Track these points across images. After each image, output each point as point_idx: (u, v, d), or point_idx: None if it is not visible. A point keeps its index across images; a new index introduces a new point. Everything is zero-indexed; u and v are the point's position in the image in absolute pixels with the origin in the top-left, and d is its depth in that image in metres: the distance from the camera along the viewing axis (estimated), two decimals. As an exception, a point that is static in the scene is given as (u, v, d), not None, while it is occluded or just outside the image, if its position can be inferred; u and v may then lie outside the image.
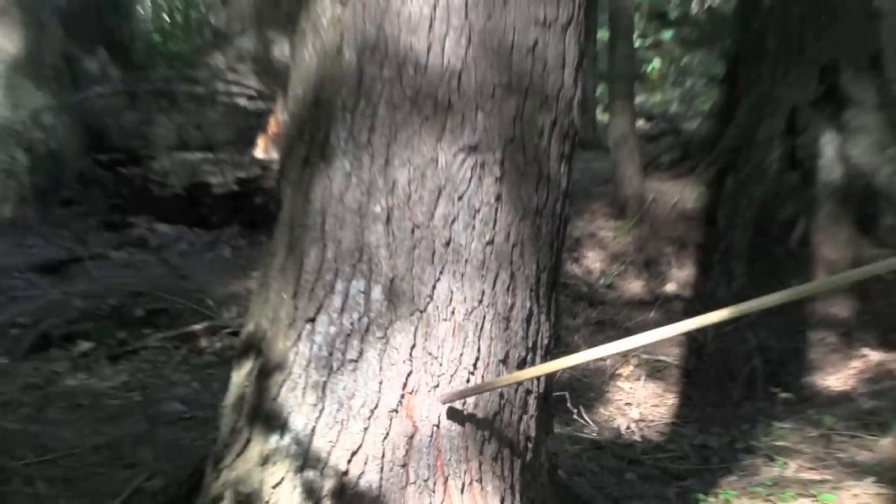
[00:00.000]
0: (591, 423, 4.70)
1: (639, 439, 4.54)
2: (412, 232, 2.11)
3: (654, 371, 5.23)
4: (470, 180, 2.14)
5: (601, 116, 8.98)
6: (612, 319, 5.74)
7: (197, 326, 5.16)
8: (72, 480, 3.13)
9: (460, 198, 2.13)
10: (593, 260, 6.08)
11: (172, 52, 11.39)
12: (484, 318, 2.18)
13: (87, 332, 5.02)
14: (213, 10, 11.14)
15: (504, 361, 2.21)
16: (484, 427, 2.21)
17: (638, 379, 5.18)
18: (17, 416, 3.70)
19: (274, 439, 2.17)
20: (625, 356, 5.14)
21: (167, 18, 12.77)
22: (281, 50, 9.18)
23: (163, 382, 4.63)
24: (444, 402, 2.11)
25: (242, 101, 8.49)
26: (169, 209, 6.97)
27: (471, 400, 2.16)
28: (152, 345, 5.11)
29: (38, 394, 4.11)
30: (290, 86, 2.43)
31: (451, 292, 2.15)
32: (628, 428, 4.71)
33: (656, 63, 14.54)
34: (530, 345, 2.28)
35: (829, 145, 5.76)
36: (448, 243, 2.13)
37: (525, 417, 2.33)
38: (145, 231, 6.88)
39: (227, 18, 10.32)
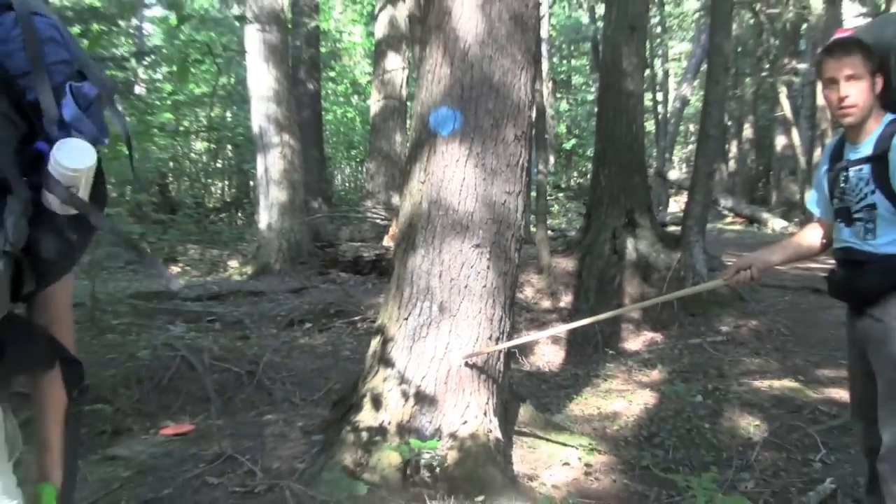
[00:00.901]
0: (527, 363, 8.16)
1: (546, 371, 7.83)
2: (450, 281, 4.60)
3: (555, 341, 8.60)
4: (476, 259, 4.55)
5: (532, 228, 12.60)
6: (536, 318, 9.22)
7: (356, 318, 9.14)
8: (300, 383, 6.67)
9: (471, 266, 4.58)
10: (528, 291, 9.72)
11: (349, 200, 18.43)
12: (481, 320, 4.59)
13: (310, 318, 9.16)
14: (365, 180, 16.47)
15: (490, 338, 4.59)
16: (482, 367, 4.60)
17: (548, 344, 8.61)
18: (279, 354, 7.44)
19: (388, 370, 4.63)
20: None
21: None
22: (395, 199, 14.57)
23: (341, 342, 8.35)
24: (463, 358, 4.63)
25: (378, 219, 14.67)
26: (346, 267, 12.33)
27: (474, 359, 4.69)
28: (337, 325, 9.04)
29: (288, 346, 7.80)
30: (399, 215, 4.97)
31: (468, 308, 4.58)
32: (542, 367, 8.08)
33: (555, 208, 22.05)
34: (501, 331, 4.68)
35: (629, 244, 9.07)
36: (466, 286, 4.60)
37: (499, 363, 4.72)
38: (335, 276, 12.07)
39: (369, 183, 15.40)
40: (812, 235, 3.78)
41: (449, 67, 4.67)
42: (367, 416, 4.60)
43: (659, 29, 34.15)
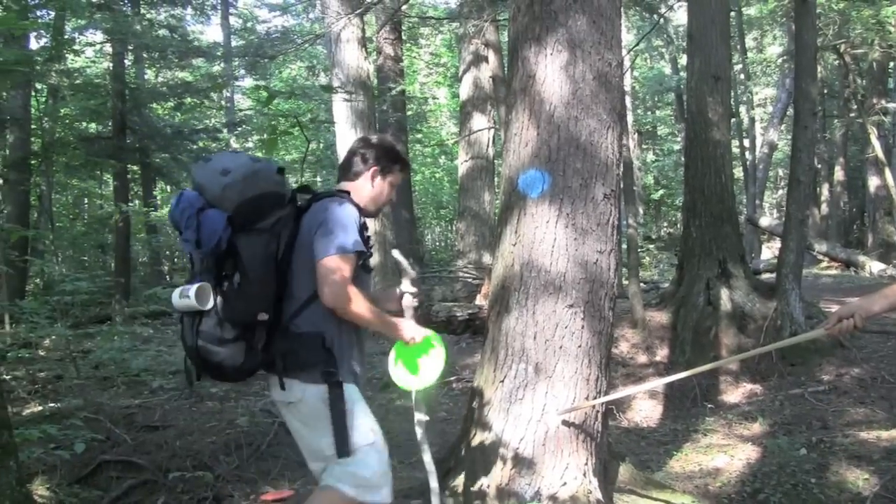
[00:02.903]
0: (624, 420, 7.99)
1: (644, 427, 7.67)
2: (545, 342, 4.59)
3: (652, 395, 8.50)
4: (570, 319, 4.54)
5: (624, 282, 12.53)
6: (633, 374, 9.14)
7: (451, 378, 9.09)
8: (398, 445, 6.23)
9: (566, 327, 4.57)
10: (623, 345, 9.57)
11: (439, 260, 19.39)
12: (578, 380, 4.58)
13: None
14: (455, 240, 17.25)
15: (587, 398, 4.57)
16: (580, 427, 4.57)
17: (645, 399, 8.52)
18: (376, 416, 7.12)
19: (485, 433, 4.62)
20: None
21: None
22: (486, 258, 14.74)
23: (437, 404, 8.22)
24: (559, 415, 4.62)
25: (470, 278, 14.67)
26: (439, 326, 11.59)
27: (572, 414, 4.62)
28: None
29: (384, 409, 7.65)
30: (492, 277, 5.01)
31: (563, 369, 4.58)
32: (640, 423, 7.98)
33: (646, 260, 23.63)
34: (598, 391, 4.66)
35: (724, 294, 8.90)
36: (561, 346, 4.60)
37: (597, 422, 4.69)
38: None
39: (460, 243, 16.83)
40: None
41: (535, 130, 4.71)
42: (465, 480, 4.60)
43: (742, 76, 33.87)
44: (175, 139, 19.92)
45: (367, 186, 3.95)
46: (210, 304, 3.48)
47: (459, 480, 4.62)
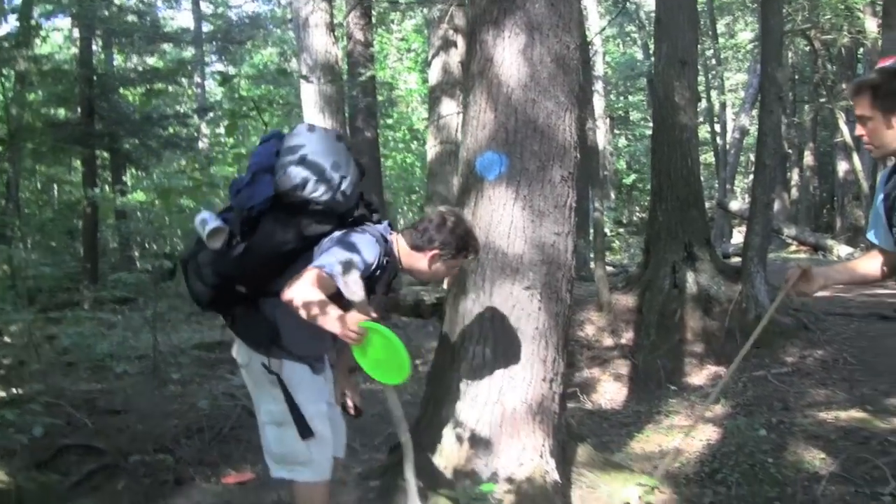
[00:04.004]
0: (588, 402, 8.05)
1: (608, 409, 7.75)
2: (502, 324, 4.59)
3: (617, 378, 8.62)
4: (528, 301, 4.54)
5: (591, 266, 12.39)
6: (598, 356, 9.14)
7: (417, 362, 8.75)
8: (361, 428, 6.47)
9: (523, 309, 4.54)
10: (589, 328, 9.58)
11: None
12: (535, 362, 4.57)
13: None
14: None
15: (544, 380, 4.58)
16: (537, 409, 4.56)
17: (610, 381, 8.58)
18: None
19: (442, 415, 4.61)
20: (603, 371, 8.83)
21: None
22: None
23: (402, 386, 8.22)
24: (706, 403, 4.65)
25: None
26: (406, 311, 11.61)
27: (528, 397, 4.61)
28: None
29: None
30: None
31: (521, 351, 4.55)
32: (604, 405, 8.06)
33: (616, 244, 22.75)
34: (555, 373, 4.66)
35: (690, 277, 8.94)
36: (518, 329, 4.53)
37: (554, 404, 4.68)
38: (396, 320, 11.40)
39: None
40: (872, 263, 3.75)
41: (493, 112, 4.70)
42: (422, 461, 4.59)
43: (714, 61, 33.97)
44: (144, 125, 19.77)
45: (423, 264, 3.88)
46: (215, 246, 3.56)
47: (417, 462, 4.61)
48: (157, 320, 9.58)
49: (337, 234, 3.63)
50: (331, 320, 3.30)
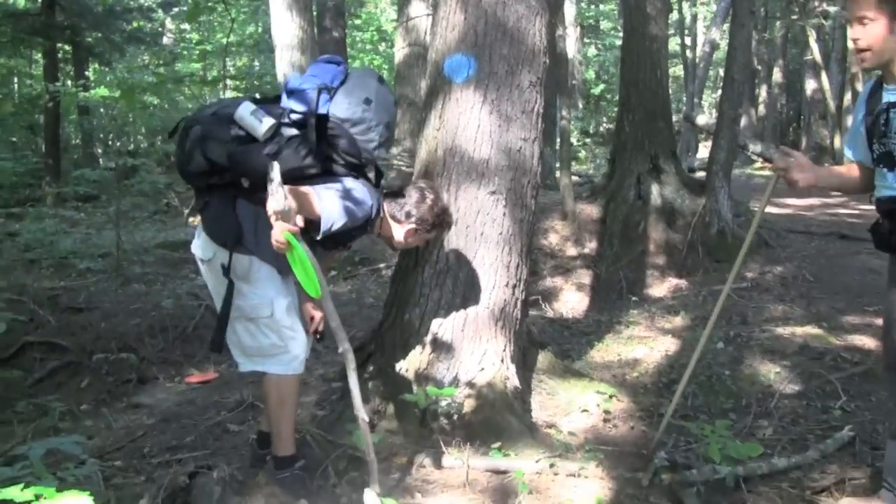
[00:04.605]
0: (550, 310, 8.09)
1: (569, 318, 7.78)
2: (466, 228, 4.54)
3: (579, 287, 8.69)
4: (492, 206, 4.52)
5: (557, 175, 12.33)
6: (561, 265, 9.20)
7: (381, 266, 9.09)
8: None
9: (487, 213, 4.54)
10: (553, 237, 9.58)
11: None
12: (498, 267, 4.58)
13: (335, 266, 8.76)
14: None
15: (506, 285, 4.60)
16: (499, 315, 4.59)
17: (572, 290, 8.64)
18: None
19: (405, 319, 4.62)
20: (566, 280, 8.90)
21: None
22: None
23: (365, 290, 8.36)
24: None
25: (404, 166, 13.84)
26: None
27: (490, 302, 4.61)
28: (362, 273, 9.09)
29: None
30: (416, 162, 4.97)
31: (484, 255, 4.55)
32: (565, 313, 8.13)
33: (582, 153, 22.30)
34: (518, 278, 4.68)
35: (654, 189, 8.97)
36: (482, 233, 4.56)
37: (516, 310, 4.72)
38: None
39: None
40: (854, 171, 3.66)
41: (463, 14, 4.63)
42: (384, 365, 4.63)
43: (688, -29, 33.67)
44: (107, 18, 19.32)
45: (399, 234, 4.02)
46: (259, 131, 3.56)
47: (379, 364, 4.65)
48: (121, 218, 9.50)
49: (348, 178, 3.72)
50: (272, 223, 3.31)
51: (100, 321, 6.90)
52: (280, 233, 3.21)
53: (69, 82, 19.44)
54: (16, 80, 26.60)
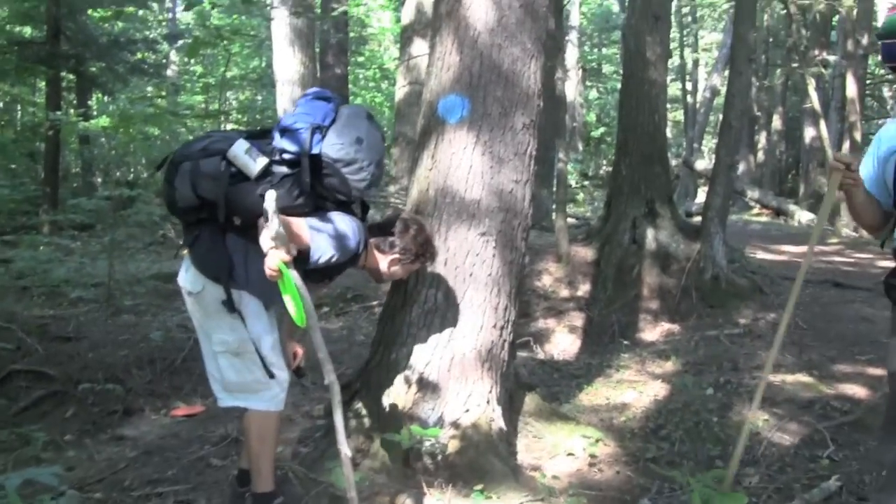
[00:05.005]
0: (541, 352, 8.03)
1: (560, 360, 7.76)
2: (455, 269, 4.56)
3: (571, 330, 8.60)
4: (482, 247, 4.52)
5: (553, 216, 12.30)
6: (554, 307, 9.10)
7: (373, 303, 8.89)
8: (313, 367, 6.22)
9: (477, 254, 4.55)
10: (547, 279, 9.51)
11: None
12: (486, 309, 4.57)
13: (327, 302, 9.05)
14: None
15: (494, 327, 4.59)
16: (486, 356, 4.58)
17: (564, 332, 8.59)
18: (294, 337, 6.91)
19: (392, 357, 4.61)
20: (558, 322, 8.85)
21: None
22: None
23: (357, 327, 8.35)
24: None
25: (401, 204, 13.57)
26: None
27: (478, 343, 4.62)
28: (354, 310, 9.01)
29: (303, 329, 7.86)
30: (407, 202, 4.99)
31: (472, 296, 4.55)
32: (556, 356, 8.06)
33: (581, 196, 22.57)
34: (506, 320, 4.67)
35: (649, 234, 8.98)
36: (471, 274, 4.57)
37: (503, 352, 4.70)
38: None
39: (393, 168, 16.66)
40: (874, 201, 3.47)
41: (458, 55, 4.65)
42: (369, 403, 4.61)
43: (690, 18, 33.90)
44: (111, 48, 19.40)
45: (382, 265, 4.10)
46: (253, 171, 3.58)
47: (364, 403, 4.63)
48: (115, 248, 9.49)
49: (336, 213, 3.75)
50: (266, 252, 3.33)
51: (88, 351, 6.85)
52: (275, 261, 3.23)
53: (71, 111, 19.52)
54: (19, 107, 26.68)
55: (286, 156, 3.63)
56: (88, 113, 17.97)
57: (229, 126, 25.04)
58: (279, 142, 3.66)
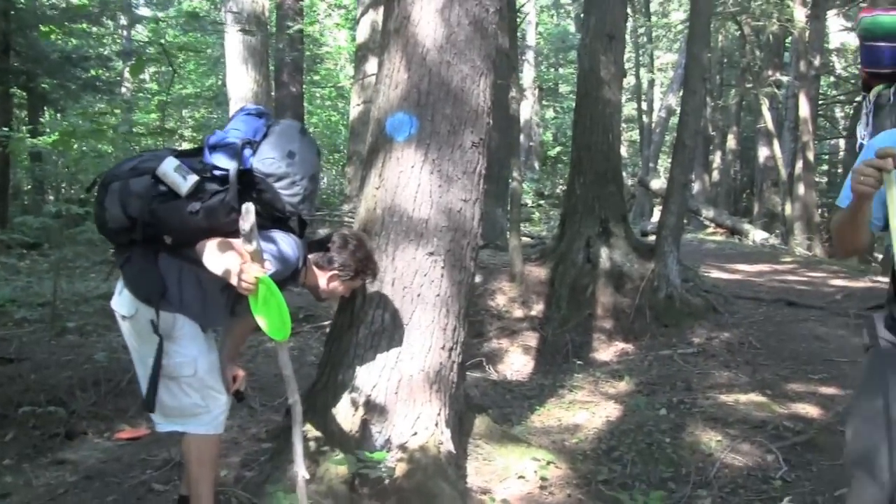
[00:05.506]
0: (493, 372, 7.96)
1: (513, 380, 7.72)
2: (403, 289, 4.48)
3: (525, 350, 8.58)
4: (430, 267, 4.45)
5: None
6: (507, 327, 9.07)
7: (325, 323, 8.40)
8: (262, 388, 6.53)
9: (425, 274, 4.48)
10: (500, 298, 9.45)
11: (330, 203, 24.92)
12: (434, 330, 4.49)
13: None
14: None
15: (443, 348, 4.52)
16: (434, 378, 4.50)
17: (517, 353, 8.52)
18: (243, 358, 6.58)
19: (338, 379, 4.52)
20: (512, 342, 8.80)
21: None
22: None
23: (308, 347, 8.26)
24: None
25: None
26: None
27: (426, 365, 4.54)
28: (305, 330, 8.85)
29: (253, 350, 7.97)
30: (356, 220, 4.88)
31: (420, 317, 4.47)
32: (509, 376, 8.03)
33: (536, 215, 24.75)
34: (454, 341, 4.59)
35: (603, 253, 8.96)
36: (419, 294, 4.49)
37: (452, 373, 4.62)
38: None
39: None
40: None
41: (406, 72, 4.59)
42: (316, 425, 4.51)
43: (645, 38, 34.15)
44: (63, 65, 19.16)
45: (321, 282, 4.01)
46: (182, 189, 3.51)
47: (309, 426, 4.53)
48: (62, 266, 9.32)
49: (273, 231, 3.69)
50: (232, 267, 3.29)
51: (30, 372, 6.68)
52: (252, 275, 3.19)
53: (24, 127, 19.24)
54: (-31, 124, 26.33)
55: (217, 172, 3.57)
56: (39, 129, 17.74)
57: (185, 144, 24.83)
58: (209, 157, 3.59)
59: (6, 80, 17.79)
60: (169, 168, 3.48)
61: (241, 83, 12.87)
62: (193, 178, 3.49)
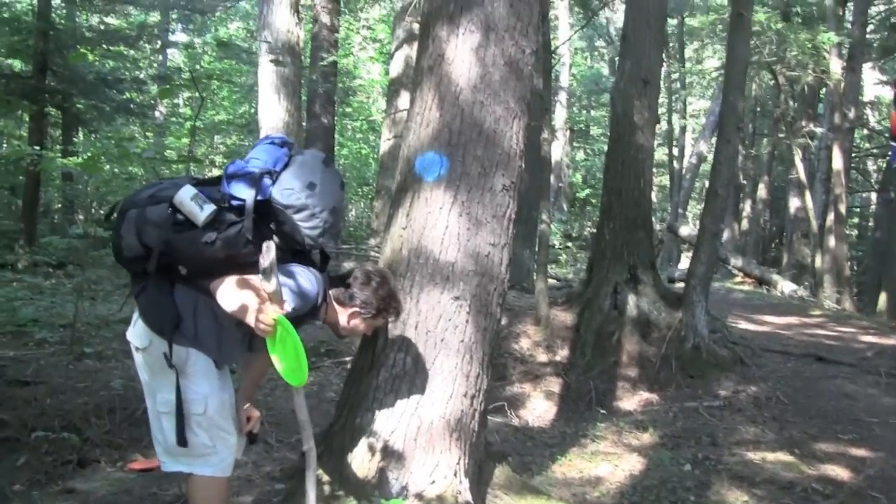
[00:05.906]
0: (515, 417, 7.77)
1: (535, 427, 7.52)
2: (426, 333, 4.38)
3: (548, 396, 8.39)
4: (455, 312, 4.35)
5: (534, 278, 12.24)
6: (531, 371, 8.93)
7: (346, 359, 8.49)
8: (279, 423, 6.39)
9: (450, 319, 4.39)
10: (524, 342, 9.34)
11: (358, 236, 25.49)
12: (457, 376, 4.39)
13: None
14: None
15: (465, 395, 4.41)
16: (455, 426, 4.39)
17: (540, 398, 8.34)
18: (261, 392, 6.26)
19: (356, 422, 4.41)
20: (534, 387, 8.62)
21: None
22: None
23: (328, 383, 8.16)
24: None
25: None
26: None
27: (446, 412, 4.44)
28: (326, 365, 8.77)
29: (272, 383, 7.70)
30: (381, 260, 4.79)
31: (443, 363, 4.38)
32: (531, 422, 7.83)
33: (563, 257, 24.63)
34: (477, 389, 4.49)
35: (630, 300, 8.81)
36: (443, 339, 4.39)
37: (474, 421, 4.51)
38: None
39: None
40: None
41: (438, 111, 4.50)
42: (332, 468, 4.40)
43: (679, 84, 34.10)
44: (98, 86, 19.28)
45: (342, 319, 3.89)
46: (199, 219, 3.42)
47: (325, 468, 4.41)
48: (85, 288, 9.26)
49: (293, 265, 3.61)
50: (250, 308, 3.22)
51: (45, 396, 6.60)
52: (270, 316, 3.13)
53: (58, 147, 19.35)
54: (4, 142, 26.52)
55: (235, 202, 3.48)
56: (72, 150, 17.81)
57: (214, 171, 24.91)
58: (228, 188, 3.50)
59: (42, 99, 17.93)
60: (186, 197, 3.39)
61: (272, 112, 12.82)
62: (210, 208, 3.40)
